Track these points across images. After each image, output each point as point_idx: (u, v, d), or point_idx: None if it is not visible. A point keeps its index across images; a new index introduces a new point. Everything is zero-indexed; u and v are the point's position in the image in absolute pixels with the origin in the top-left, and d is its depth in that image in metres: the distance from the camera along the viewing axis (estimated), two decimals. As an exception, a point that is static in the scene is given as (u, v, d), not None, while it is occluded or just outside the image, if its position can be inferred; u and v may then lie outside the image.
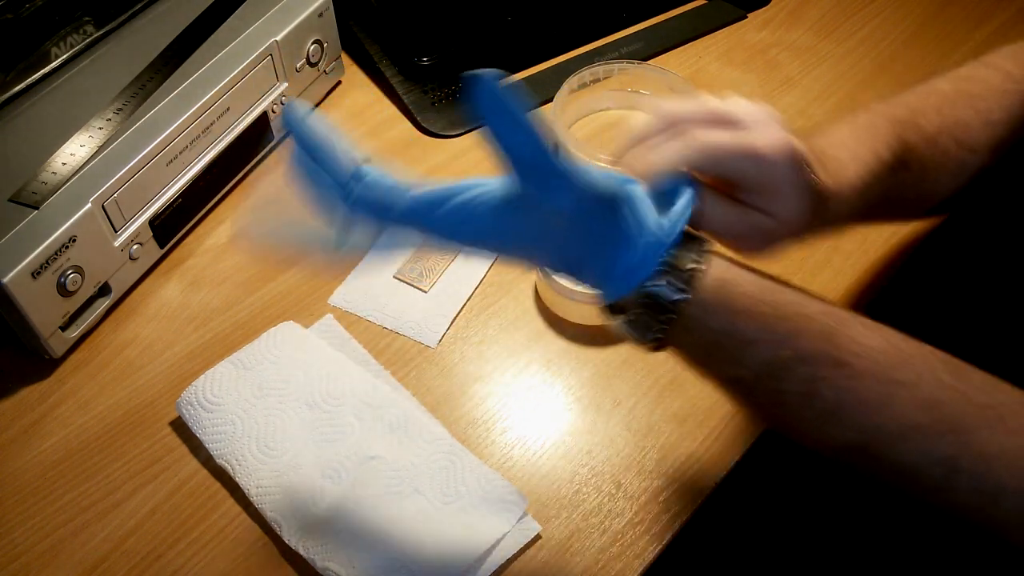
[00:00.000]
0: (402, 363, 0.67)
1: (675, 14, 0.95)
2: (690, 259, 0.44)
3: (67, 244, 0.61)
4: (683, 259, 0.44)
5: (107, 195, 0.64)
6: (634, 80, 0.83)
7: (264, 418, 0.61)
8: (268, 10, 0.78)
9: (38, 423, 0.64)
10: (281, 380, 0.63)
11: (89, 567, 0.57)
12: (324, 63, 0.84)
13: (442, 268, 0.73)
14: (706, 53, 0.92)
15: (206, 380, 0.62)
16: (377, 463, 0.59)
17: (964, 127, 0.63)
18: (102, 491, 0.60)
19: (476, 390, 0.66)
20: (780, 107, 0.86)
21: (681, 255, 0.44)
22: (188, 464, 0.62)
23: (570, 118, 0.83)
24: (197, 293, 0.72)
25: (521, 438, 0.63)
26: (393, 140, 0.84)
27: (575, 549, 0.58)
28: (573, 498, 0.60)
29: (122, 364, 0.67)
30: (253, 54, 0.74)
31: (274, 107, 0.79)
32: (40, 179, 0.64)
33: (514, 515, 0.57)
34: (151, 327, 0.69)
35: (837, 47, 0.93)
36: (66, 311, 0.64)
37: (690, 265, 0.44)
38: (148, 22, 0.78)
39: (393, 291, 0.71)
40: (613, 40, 0.92)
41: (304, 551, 0.55)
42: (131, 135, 0.67)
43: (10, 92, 0.70)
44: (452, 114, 0.85)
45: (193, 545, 0.58)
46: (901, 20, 0.96)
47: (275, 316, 0.70)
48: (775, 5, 0.98)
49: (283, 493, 0.58)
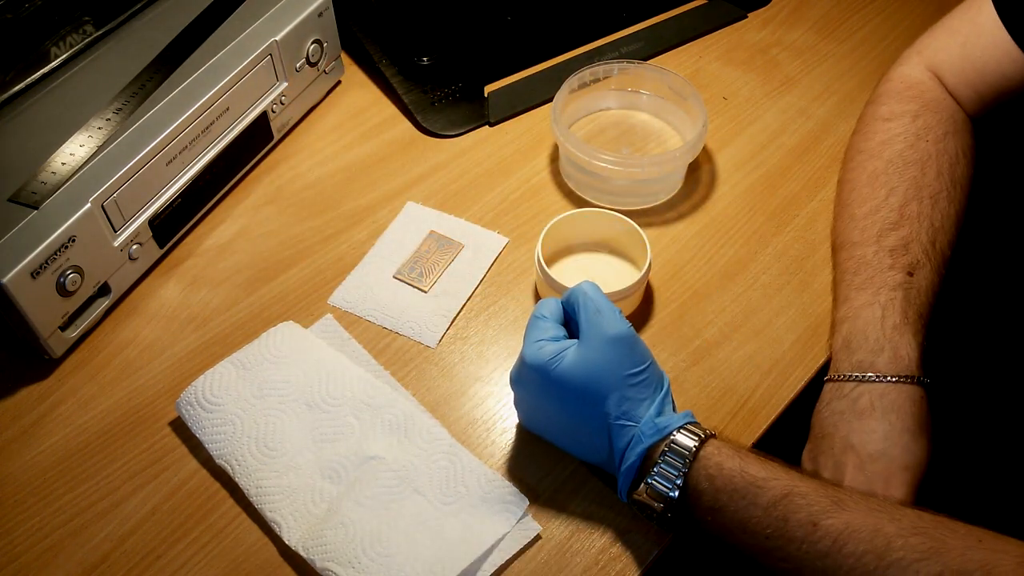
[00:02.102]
0: (402, 363, 0.67)
1: (675, 14, 0.95)
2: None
3: (67, 244, 0.61)
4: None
5: (107, 195, 0.64)
6: (634, 80, 0.83)
7: (264, 418, 0.61)
8: (268, 10, 0.78)
9: (38, 423, 0.64)
10: (281, 380, 0.63)
11: (89, 567, 0.57)
12: (324, 63, 0.84)
13: (442, 268, 0.73)
14: (706, 53, 0.92)
15: (206, 380, 0.62)
16: (377, 463, 0.59)
17: (938, 189, 0.68)
18: (102, 491, 0.60)
19: (476, 390, 0.66)
20: (780, 107, 0.86)
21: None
22: (188, 464, 0.61)
23: (570, 118, 0.83)
24: (197, 293, 0.72)
25: (521, 438, 0.63)
26: (393, 140, 0.84)
27: (575, 549, 0.58)
28: (573, 498, 0.60)
29: (122, 364, 0.67)
30: (253, 54, 0.74)
31: (273, 107, 0.79)
32: (40, 179, 0.64)
33: (514, 515, 0.57)
34: (151, 327, 0.69)
35: (837, 47, 0.93)
36: (66, 311, 0.64)
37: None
38: (148, 22, 0.78)
39: (393, 291, 0.71)
40: (613, 40, 0.92)
41: (304, 551, 0.55)
42: (131, 135, 0.67)
43: (10, 92, 0.70)
44: (452, 114, 0.85)
45: (193, 545, 0.58)
46: (901, 20, 0.96)
47: (275, 316, 0.70)
48: (775, 5, 0.98)
49: (283, 493, 0.58)
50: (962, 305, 0.84)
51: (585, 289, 0.57)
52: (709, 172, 0.81)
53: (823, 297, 0.71)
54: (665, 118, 0.84)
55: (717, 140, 0.83)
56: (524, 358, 0.56)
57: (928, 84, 0.73)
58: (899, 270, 0.63)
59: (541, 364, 0.55)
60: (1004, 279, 0.92)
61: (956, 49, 0.72)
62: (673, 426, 0.54)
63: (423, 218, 0.76)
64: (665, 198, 0.78)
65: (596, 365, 0.54)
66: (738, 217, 0.77)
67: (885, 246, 0.65)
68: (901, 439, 0.57)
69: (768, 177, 0.80)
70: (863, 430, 0.58)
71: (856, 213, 0.68)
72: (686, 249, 0.74)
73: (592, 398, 0.54)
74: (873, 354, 0.60)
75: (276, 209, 0.78)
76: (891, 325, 0.61)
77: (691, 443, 0.53)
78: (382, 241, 0.75)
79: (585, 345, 0.55)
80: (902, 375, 0.59)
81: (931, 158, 0.68)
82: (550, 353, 0.55)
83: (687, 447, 0.53)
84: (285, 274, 0.73)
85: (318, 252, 0.74)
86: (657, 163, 0.73)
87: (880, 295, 0.63)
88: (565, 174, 0.80)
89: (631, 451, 0.54)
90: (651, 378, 0.55)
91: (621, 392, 0.54)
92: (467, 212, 0.77)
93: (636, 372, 0.55)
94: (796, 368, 0.66)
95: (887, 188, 0.68)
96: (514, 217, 0.77)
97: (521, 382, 0.58)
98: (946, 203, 0.67)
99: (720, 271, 0.73)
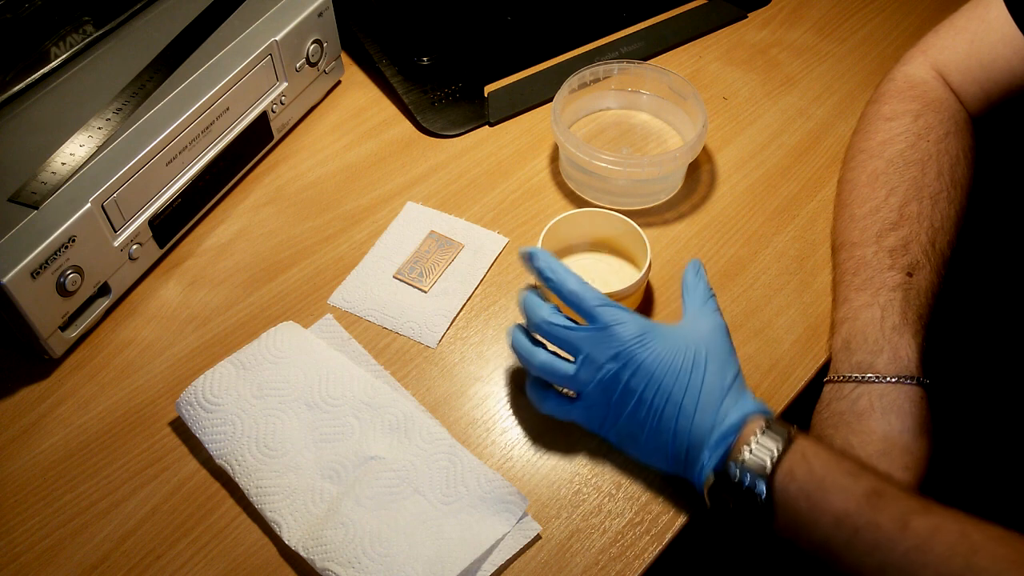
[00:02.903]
0: (402, 363, 0.67)
1: (675, 14, 0.95)
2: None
3: (66, 244, 0.61)
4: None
5: (106, 195, 0.64)
6: (634, 80, 0.83)
7: (264, 418, 0.61)
8: (268, 10, 0.78)
9: (38, 423, 0.64)
10: (281, 380, 0.63)
11: (89, 567, 0.57)
12: (324, 63, 0.84)
13: (442, 268, 0.73)
14: (706, 53, 0.92)
15: (206, 380, 0.62)
16: (377, 463, 0.59)
17: (939, 186, 0.69)
18: (102, 491, 0.60)
19: (476, 390, 0.66)
20: (780, 107, 0.86)
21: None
22: (188, 464, 0.61)
23: (570, 118, 0.83)
24: (197, 293, 0.72)
25: (521, 438, 0.63)
26: (393, 140, 0.84)
27: (575, 549, 0.58)
28: (573, 498, 0.60)
29: (122, 364, 0.67)
30: (253, 54, 0.74)
31: (273, 107, 0.79)
32: (39, 179, 0.64)
33: (514, 515, 0.57)
34: (151, 327, 0.69)
35: (837, 47, 0.93)
36: (66, 311, 0.64)
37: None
38: (148, 22, 0.78)
39: (393, 291, 0.71)
40: (613, 40, 0.92)
41: (304, 551, 0.55)
42: (131, 135, 0.67)
43: (10, 92, 0.70)
44: (452, 114, 0.85)
45: (193, 545, 0.58)
46: (901, 20, 0.96)
47: (275, 316, 0.70)
48: (775, 5, 0.98)
49: (283, 493, 0.58)
50: (962, 305, 0.84)
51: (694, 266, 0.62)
52: (709, 172, 0.81)
53: (823, 297, 0.71)
54: (665, 118, 0.84)
55: (717, 140, 0.83)
56: (650, 330, 0.56)
57: (931, 84, 0.73)
58: (899, 270, 0.63)
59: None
60: (1004, 279, 0.92)
61: (963, 47, 0.72)
62: (761, 408, 0.55)
63: (423, 218, 0.76)
64: (665, 198, 0.78)
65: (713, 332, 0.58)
66: (738, 217, 0.77)
67: (885, 246, 0.65)
68: (901, 440, 0.57)
69: (768, 177, 0.80)
70: (863, 431, 0.58)
71: (856, 213, 0.68)
72: (686, 249, 0.74)
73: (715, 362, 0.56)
74: (872, 355, 0.60)
75: (276, 209, 0.78)
76: (890, 326, 0.61)
77: (785, 428, 0.53)
78: (382, 241, 0.75)
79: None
80: (902, 376, 0.59)
81: (932, 158, 0.68)
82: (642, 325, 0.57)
83: (785, 426, 0.53)
84: (285, 274, 0.73)
85: (318, 252, 0.74)
86: (657, 163, 0.73)
87: (879, 296, 0.63)
88: (565, 174, 0.80)
89: (728, 419, 0.54)
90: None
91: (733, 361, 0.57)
92: (467, 212, 0.77)
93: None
94: (796, 368, 0.66)
95: (887, 188, 0.68)
96: (514, 217, 0.77)
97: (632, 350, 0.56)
98: (946, 203, 0.67)
99: (720, 271, 0.73)
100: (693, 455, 0.55)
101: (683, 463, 0.56)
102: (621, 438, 0.59)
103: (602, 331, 0.56)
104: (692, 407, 0.54)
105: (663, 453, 0.56)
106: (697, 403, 0.54)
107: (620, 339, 0.55)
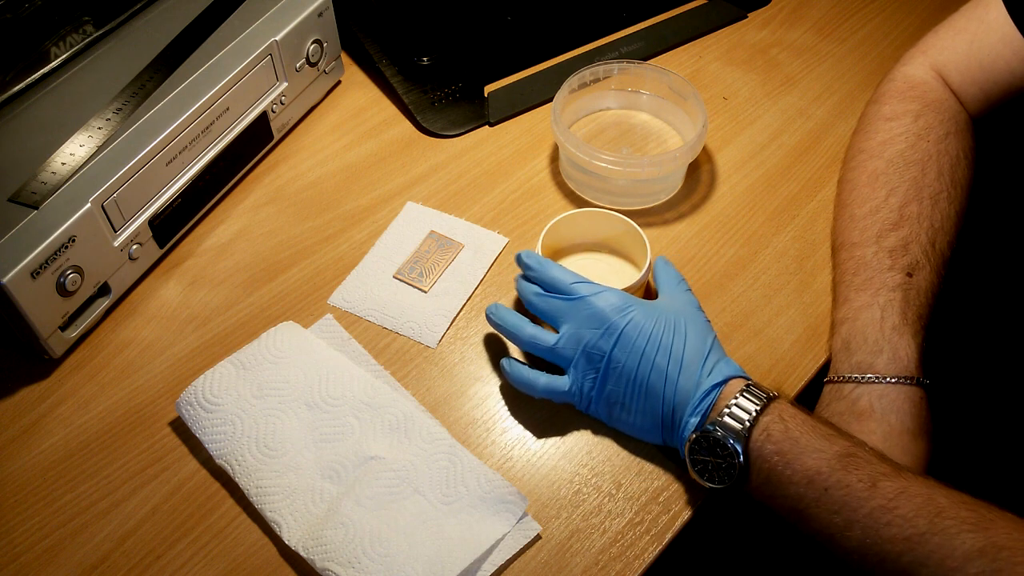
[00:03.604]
0: (402, 363, 0.67)
1: (675, 14, 0.95)
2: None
3: (66, 244, 0.61)
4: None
5: (106, 195, 0.64)
6: (634, 80, 0.83)
7: (264, 418, 0.61)
8: (268, 10, 0.78)
9: (38, 423, 0.64)
10: (281, 380, 0.63)
11: (89, 567, 0.57)
12: (324, 63, 0.84)
13: (442, 268, 0.73)
14: (706, 53, 0.92)
15: (206, 380, 0.62)
16: (377, 463, 0.59)
17: (939, 187, 0.69)
18: (102, 491, 0.60)
19: (476, 390, 0.66)
20: (780, 107, 0.86)
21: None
22: (188, 464, 0.62)
23: (570, 118, 0.83)
24: (197, 293, 0.72)
25: (521, 438, 0.63)
26: (393, 140, 0.84)
27: (575, 549, 0.58)
28: (573, 498, 0.60)
29: (122, 364, 0.67)
30: (253, 54, 0.74)
31: (273, 107, 0.79)
32: (39, 179, 0.64)
33: (514, 515, 0.57)
34: (151, 327, 0.69)
35: (837, 47, 0.93)
36: (66, 311, 0.64)
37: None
38: (148, 22, 0.78)
39: (393, 291, 0.71)
40: (613, 40, 0.92)
41: (304, 551, 0.55)
42: (130, 135, 0.67)
43: (10, 92, 0.70)
44: (452, 114, 0.85)
45: (193, 545, 0.58)
46: (901, 20, 0.96)
47: (275, 316, 0.70)
48: (775, 5, 0.98)
49: (283, 493, 0.58)
50: (962, 305, 0.84)
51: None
52: (709, 172, 0.81)
53: (823, 297, 0.71)
54: (665, 118, 0.84)
55: (717, 140, 0.83)
56: (630, 302, 0.59)
57: (931, 84, 0.73)
58: (898, 271, 0.63)
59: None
60: (1004, 279, 0.92)
61: (963, 47, 0.72)
62: (742, 372, 0.58)
63: (423, 218, 0.76)
64: (665, 198, 0.78)
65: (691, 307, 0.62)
66: (738, 217, 0.77)
67: (885, 247, 0.65)
68: (900, 440, 0.57)
69: (768, 177, 0.80)
70: (862, 431, 0.58)
71: (856, 213, 0.68)
72: (686, 249, 0.74)
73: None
74: (872, 355, 0.60)
75: (276, 209, 0.78)
76: (890, 326, 0.61)
77: (764, 391, 0.55)
78: (382, 241, 0.75)
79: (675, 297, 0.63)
80: (901, 376, 0.59)
81: (932, 158, 0.68)
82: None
83: (764, 389, 0.55)
84: (285, 274, 0.73)
85: (318, 252, 0.74)
86: (657, 163, 0.73)
87: (879, 296, 0.63)
88: (565, 174, 0.80)
89: (710, 379, 0.56)
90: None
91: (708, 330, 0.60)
92: (467, 212, 0.77)
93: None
94: (796, 368, 0.66)
95: (887, 188, 0.68)
96: (514, 217, 0.77)
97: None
98: (946, 204, 0.67)
99: (720, 271, 0.73)
100: (677, 418, 0.57)
101: (670, 429, 0.58)
102: (611, 408, 0.60)
103: (582, 300, 0.60)
104: (676, 371, 0.57)
105: (652, 421, 0.59)
106: (680, 367, 0.57)
107: (599, 309, 0.59)
